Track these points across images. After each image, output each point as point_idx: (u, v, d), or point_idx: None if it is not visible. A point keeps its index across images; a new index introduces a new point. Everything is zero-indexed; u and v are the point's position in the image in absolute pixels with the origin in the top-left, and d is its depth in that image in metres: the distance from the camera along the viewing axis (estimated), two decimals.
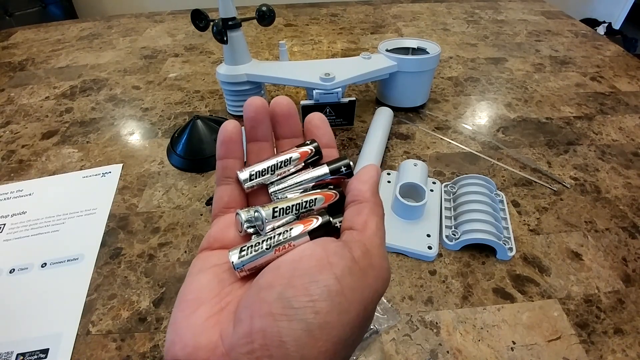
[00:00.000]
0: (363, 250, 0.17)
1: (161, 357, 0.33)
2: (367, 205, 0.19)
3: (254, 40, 0.91)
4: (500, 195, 0.46)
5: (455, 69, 0.76)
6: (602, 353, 0.33)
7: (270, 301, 0.15)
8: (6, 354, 0.33)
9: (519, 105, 0.65)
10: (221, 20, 0.52)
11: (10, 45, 0.93)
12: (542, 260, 0.40)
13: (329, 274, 0.15)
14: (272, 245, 0.18)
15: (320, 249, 0.16)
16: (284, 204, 0.19)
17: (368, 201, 0.19)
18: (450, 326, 0.35)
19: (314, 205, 0.20)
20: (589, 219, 0.45)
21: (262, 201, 0.21)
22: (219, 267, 0.19)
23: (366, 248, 0.17)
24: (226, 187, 0.21)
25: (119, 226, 0.45)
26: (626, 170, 0.52)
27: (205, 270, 0.19)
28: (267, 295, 0.15)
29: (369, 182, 0.19)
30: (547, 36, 0.91)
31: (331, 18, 1.02)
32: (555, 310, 0.36)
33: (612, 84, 0.71)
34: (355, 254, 0.16)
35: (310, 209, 0.20)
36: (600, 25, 2.02)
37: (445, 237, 0.41)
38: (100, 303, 0.37)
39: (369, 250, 0.17)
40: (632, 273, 0.39)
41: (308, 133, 0.22)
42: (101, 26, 1.01)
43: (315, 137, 0.22)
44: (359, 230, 0.18)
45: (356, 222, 0.18)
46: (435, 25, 0.97)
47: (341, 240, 0.17)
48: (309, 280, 0.15)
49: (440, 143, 0.56)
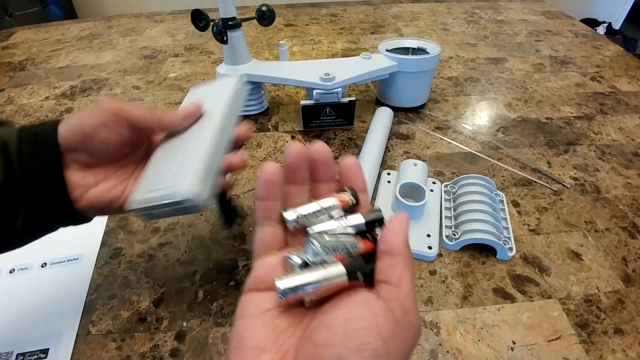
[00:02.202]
0: (402, 310, 0.18)
1: (161, 357, 0.33)
2: (400, 259, 0.20)
3: (254, 40, 0.91)
4: (500, 195, 0.46)
5: (455, 69, 0.76)
6: (602, 353, 0.33)
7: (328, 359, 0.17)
8: (6, 354, 0.33)
9: (519, 105, 0.65)
10: (221, 20, 0.52)
11: (10, 45, 0.93)
12: (542, 260, 0.40)
13: (376, 336, 0.17)
14: (317, 280, 0.19)
15: (367, 310, 0.18)
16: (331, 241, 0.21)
17: (401, 255, 0.20)
18: (450, 326, 0.35)
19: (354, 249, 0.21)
20: (589, 219, 0.45)
21: (300, 242, 0.23)
22: (271, 312, 0.20)
23: (405, 308, 0.18)
24: (268, 228, 0.23)
25: (119, 226, 0.45)
26: (626, 170, 0.52)
27: (258, 315, 0.20)
28: (325, 353, 0.17)
29: (401, 235, 0.20)
30: (547, 36, 0.91)
31: (331, 18, 1.02)
32: (555, 310, 0.36)
33: (612, 84, 0.71)
34: (396, 315, 0.18)
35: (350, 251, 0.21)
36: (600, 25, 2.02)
37: (445, 237, 0.41)
38: (100, 303, 0.37)
39: (407, 310, 0.18)
40: (632, 273, 0.39)
41: (343, 176, 0.24)
42: (101, 26, 1.01)
43: (350, 182, 0.24)
44: (395, 286, 0.19)
45: (391, 277, 0.19)
46: (435, 25, 0.97)
47: (381, 298, 0.19)
48: (360, 342, 0.17)
49: (440, 143, 0.56)
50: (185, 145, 0.29)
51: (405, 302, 0.19)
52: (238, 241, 0.42)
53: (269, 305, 0.20)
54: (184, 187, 0.25)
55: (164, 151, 0.31)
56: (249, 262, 0.40)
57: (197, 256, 0.41)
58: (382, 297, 0.19)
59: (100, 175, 0.29)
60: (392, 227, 0.21)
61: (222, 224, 0.44)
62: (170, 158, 0.29)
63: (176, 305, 0.36)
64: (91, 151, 0.28)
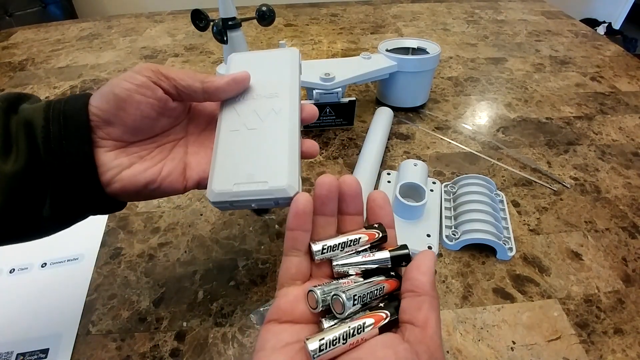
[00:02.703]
0: (428, 354, 0.18)
1: (161, 357, 0.33)
2: (426, 299, 0.19)
3: (254, 40, 0.91)
4: (500, 195, 0.46)
5: (455, 69, 0.76)
6: (602, 353, 0.33)
7: None
8: (6, 354, 0.33)
9: (519, 105, 0.65)
10: (221, 20, 0.52)
11: (10, 45, 0.93)
12: (542, 260, 0.40)
13: None
14: (347, 337, 0.19)
15: (392, 353, 0.18)
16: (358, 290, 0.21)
17: (427, 294, 0.19)
18: (450, 326, 0.35)
19: (381, 292, 0.21)
20: (589, 219, 0.45)
21: (325, 273, 0.23)
22: (291, 346, 0.20)
23: (431, 352, 0.18)
24: (294, 259, 0.23)
25: (119, 226, 0.45)
26: (626, 170, 0.52)
27: (279, 349, 0.20)
28: None
29: (428, 274, 0.20)
30: (547, 36, 0.91)
31: (331, 18, 1.02)
32: (555, 310, 0.36)
33: (612, 84, 0.71)
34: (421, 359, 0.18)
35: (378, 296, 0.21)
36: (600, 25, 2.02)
37: (445, 237, 0.41)
38: (100, 303, 0.37)
39: (433, 354, 0.18)
40: (632, 273, 0.39)
41: (370, 211, 0.24)
42: (101, 26, 1.01)
43: (378, 218, 0.24)
44: (421, 327, 0.18)
45: (417, 318, 0.19)
46: (435, 25, 0.97)
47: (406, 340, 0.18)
48: None
49: (440, 143, 0.56)
50: (264, 130, 0.27)
51: (431, 345, 0.18)
52: (238, 241, 0.42)
53: (290, 339, 0.20)
54: (283, 182, 0.24)
55: (233, 134, 0.27)
56: (249, 262, 0.40)
57: (197, 256, 0.41)
58: (407, 339, 0.18)
59: (135, 155, 0.26)
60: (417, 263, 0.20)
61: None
62: (248, 143, 0.26)
63: (176, 305, 0.36)
64: (126, 123, 0.25)
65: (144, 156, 0.27)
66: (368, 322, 0.19)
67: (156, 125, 0.27)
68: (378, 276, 0.22)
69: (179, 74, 0.26)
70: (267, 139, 0.26)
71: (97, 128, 0.25)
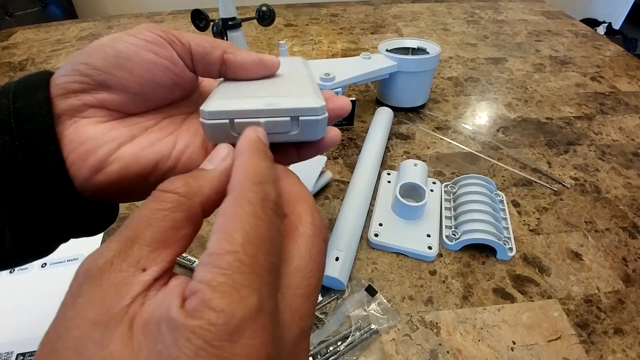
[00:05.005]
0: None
1: None
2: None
3: (254, 40, 0.91)
4: (500, 195, 0.46)
5: (455, 69, 0.76)
6: (602, 353, 0.33)
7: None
8: (6, 354, 0.33)
9: (519, 105, 0.65)
10: (221, 20, 0.52)
11: (10, 45, 0.93)
12: (542, 260, 0.40)
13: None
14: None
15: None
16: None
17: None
18: (451, 326, 0.35)
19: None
20: (589, 219, 0.45)
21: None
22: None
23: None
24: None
25: (118, 226, 0.44)
26: (626, 170, 0.52)
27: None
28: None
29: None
30: (547, 36, 0.91)
31: (331, 18, 1.02)
32: (555, 310, 0.36)
33: (612, 84, 0.71)
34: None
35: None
36: (600, 25, 2.02)
37: (445, 237, 0.41)
38: None
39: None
40: (632, 273, 0.39)
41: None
42: (101, 26, 1.01)
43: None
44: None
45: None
46: (435, 25, 0.97)
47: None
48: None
49: (440, 143, 0.56)
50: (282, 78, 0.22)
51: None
52: None
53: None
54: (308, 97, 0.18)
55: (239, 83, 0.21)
56: None
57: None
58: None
59: (137, 125, 0.19)
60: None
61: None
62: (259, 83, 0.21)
63: None
64: (128, 89, 0.18)
65: (149, 127, 0.20)
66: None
67: (168, 98, 0.21)
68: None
69: (195, 38, 0.20)
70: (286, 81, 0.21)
71: (84, 92, 0.18)
